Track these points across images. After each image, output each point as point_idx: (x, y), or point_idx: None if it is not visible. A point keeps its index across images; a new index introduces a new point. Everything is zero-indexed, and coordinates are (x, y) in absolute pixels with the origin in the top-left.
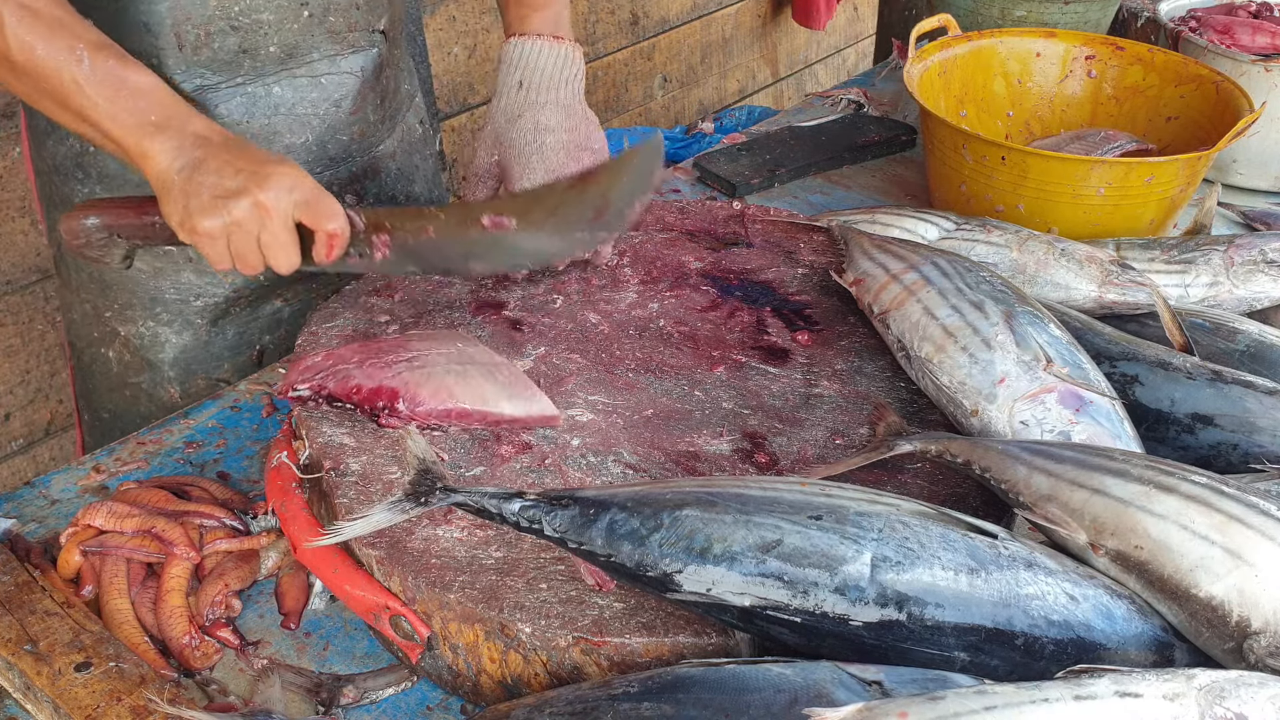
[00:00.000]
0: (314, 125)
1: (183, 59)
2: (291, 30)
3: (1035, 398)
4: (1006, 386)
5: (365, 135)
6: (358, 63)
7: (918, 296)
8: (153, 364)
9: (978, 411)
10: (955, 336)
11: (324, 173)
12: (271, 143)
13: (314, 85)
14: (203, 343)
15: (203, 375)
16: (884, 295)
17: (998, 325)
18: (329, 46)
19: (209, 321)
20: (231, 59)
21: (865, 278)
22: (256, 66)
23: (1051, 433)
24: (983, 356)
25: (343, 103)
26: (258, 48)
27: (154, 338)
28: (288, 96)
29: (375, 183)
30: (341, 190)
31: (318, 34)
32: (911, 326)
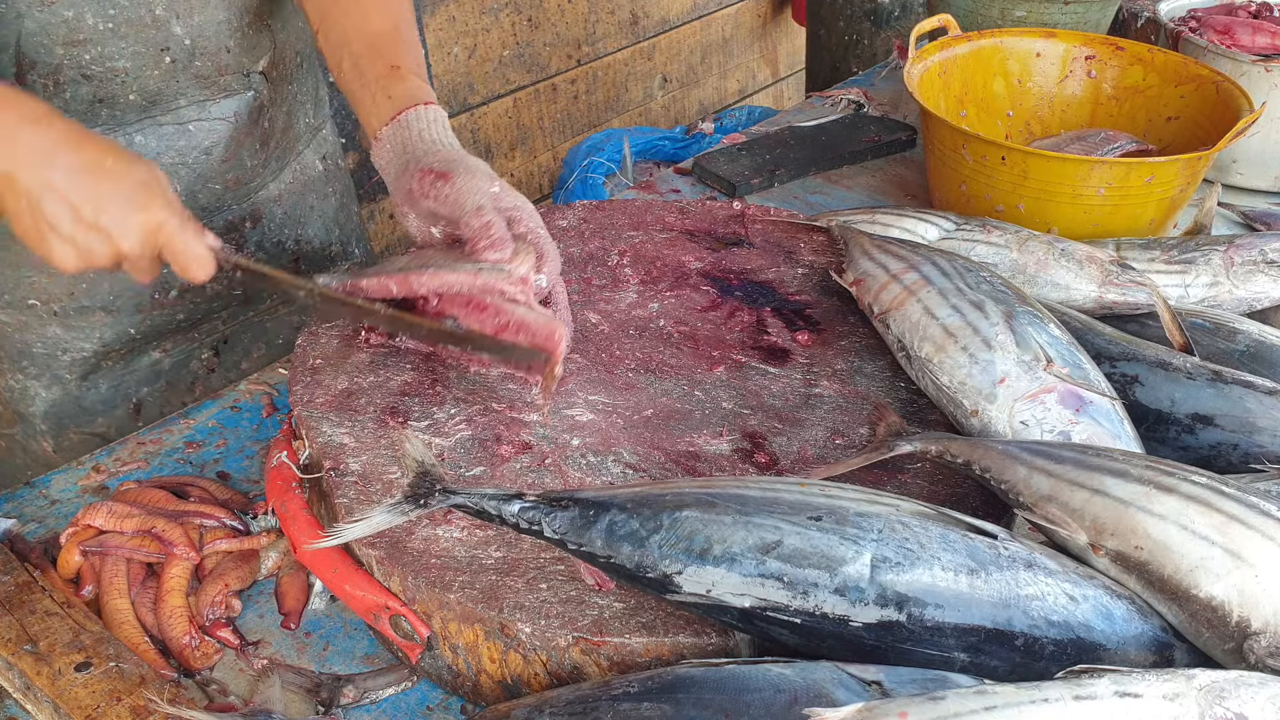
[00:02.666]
0: (182, 175)
1: None
2: (152, 78)
3: (1035, 398)
4: (1007, 386)
5: (242, 182)
6: (230, 108)
7: (918, 296)
8: (24, 416)
9: (978, 411)
10: (955, 336)
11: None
12: None
13: (181, 133)
14: (73, 397)
15: (75, 429)
16: (884, 295)
17: (998, 325)
18: (197, 93)
19: (79, 376)
20: (87, 108)
21: (865, 278)
22: (115, 115)
23: (1051, 433)
24: (983, 356)
25: (213, 150)
26: (115, 96)
27: (23, 391)
28: (152, 145)
29: (257, 230)
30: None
31: (183, 80)
32: (911, 326)
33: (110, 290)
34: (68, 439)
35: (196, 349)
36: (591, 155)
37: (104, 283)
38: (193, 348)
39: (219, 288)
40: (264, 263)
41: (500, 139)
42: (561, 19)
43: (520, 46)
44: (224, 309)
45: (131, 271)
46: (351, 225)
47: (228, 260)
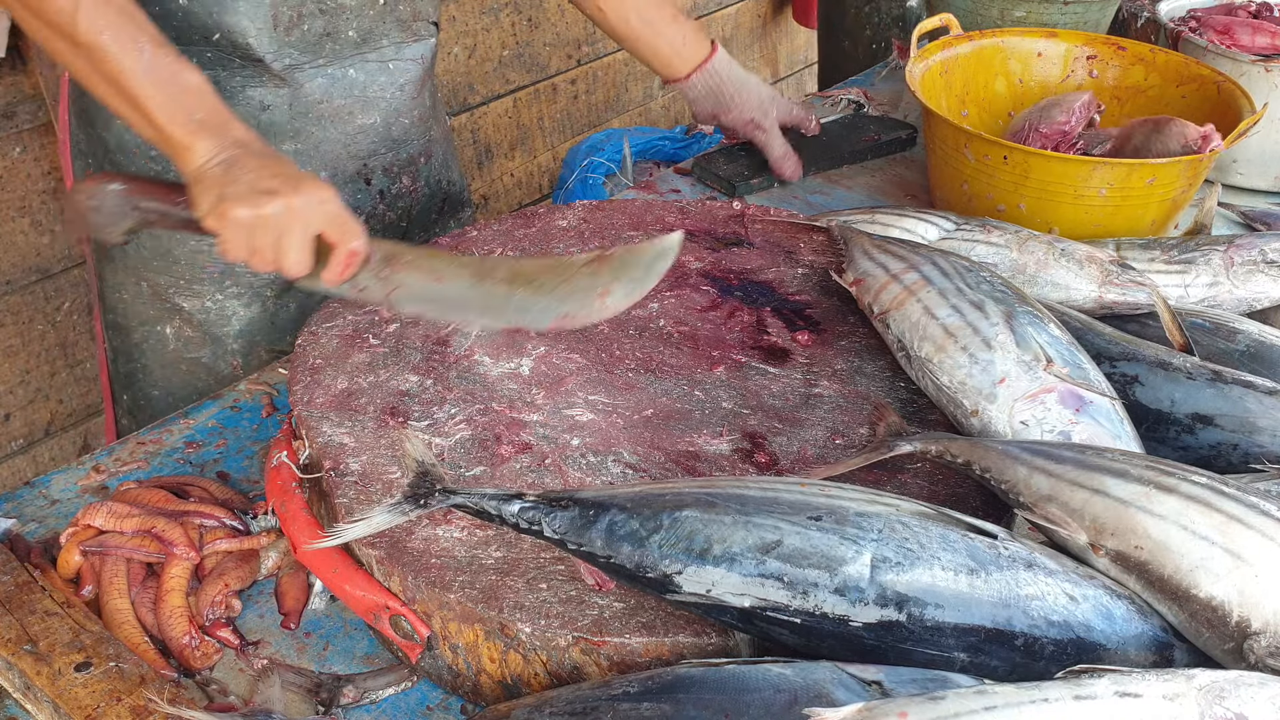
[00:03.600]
0: (382, 107)
1: (276, 38)
2: (368, 16)
3: (1035, 398)
4: (1007, 386)
5: (423, 120)
6: (419, 50)
7: (918, 296)
8: (217, 338)
9: (978, 411)
10: (955, 336)
11: (388, 153)
12: (347, 121)
13: (383, 69)
14: (269, 314)
15: (265, 346)
16: (884, 295)
17: (998, 325)
18: (397, 34)
19: (275, 293)
20: (316, 41)
21: (865, 278)
22: (336, 49)
23: (1052, 433)
24: (983, 356)
25: (406, 87)
26: (339, 31)
27: (220, 311)
28: (360, 79)
29: (428, 166)
30: (401, 171)
31: (388, 21)
32: (911, 326)
33: None
34: (256, 356)
35: None
36: (591, 155)
37: None
38: None
39: (394, 216)
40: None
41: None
42: (561, 19)
43: (520, 46)
44: (391, 239)
45: (285, 255)
46: (461, 182)
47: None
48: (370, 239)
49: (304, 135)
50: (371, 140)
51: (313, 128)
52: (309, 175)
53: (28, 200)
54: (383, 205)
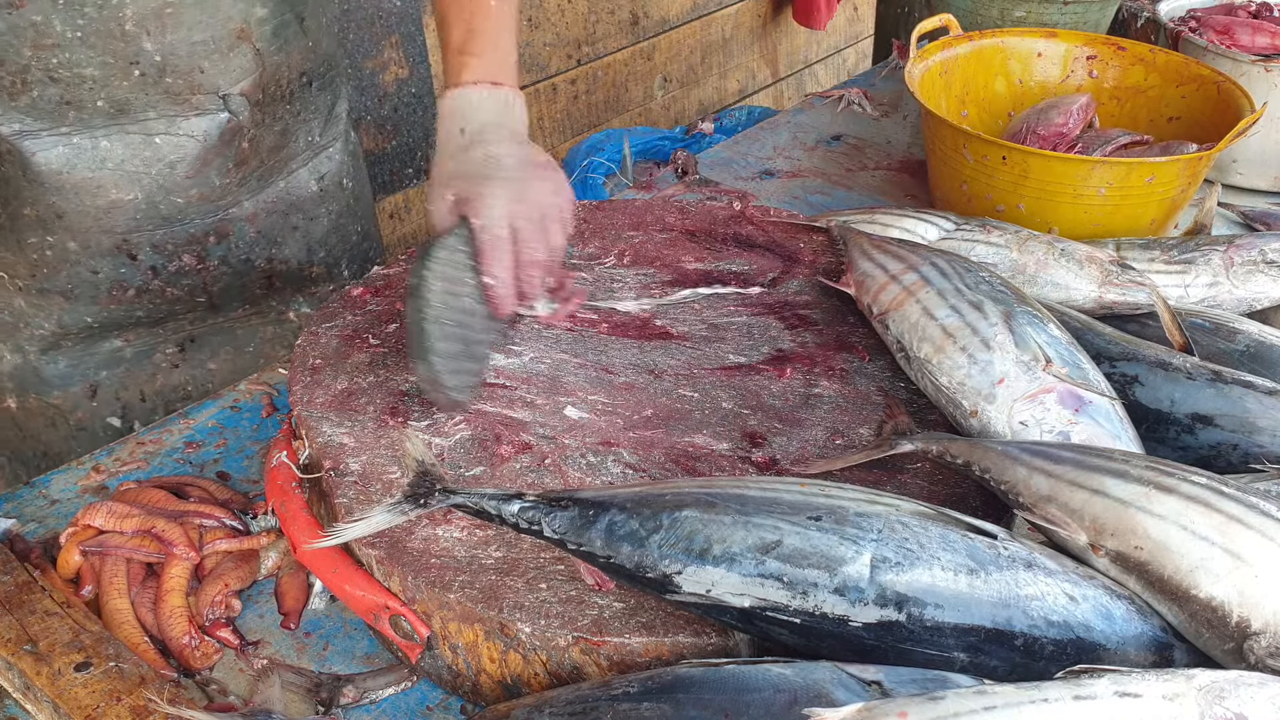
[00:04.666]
0: (144, 184)
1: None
2: (120, 88)
3: (1034, 398)
4: (1006, 387)
5: (209, 199)
6: (200, 126)
7: (917, 297)
8: None
9: (977, 412)
10: (954, 337)
11: (156, 230)
12: (96, 196)
13: (147, 144)
14: (33, 367)
15: (35, 396)
16: (883, 296)
17: (997, 326)
18: (167, 107)
19: (39, 350)
20: (54, 109)
21: (864, 278)
22: (83, 119)
23: (1051, 433)
24: (982, 357)
25: (178, 165)
26: (82, 101)
27: None
28: (117, 151)
29: (222, 245)
30: (178, 249)
31: (152, 94)
32: (910, 327)
33: (68, 278)
34: (28, 401)
35: (161, 343)
36: (591, 155)
37: (61, 271)
38: (156, 342)
39: (179, 292)
40: (207, 283)
41: None
42: (561, 19)
43: (520, 46)
44: (189, 311)
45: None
46: (346, 245)
47: None
48: None
49: (42, 204)
50: (130, 217)
51: (52, 197)
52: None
53: None
54: (158, 282)
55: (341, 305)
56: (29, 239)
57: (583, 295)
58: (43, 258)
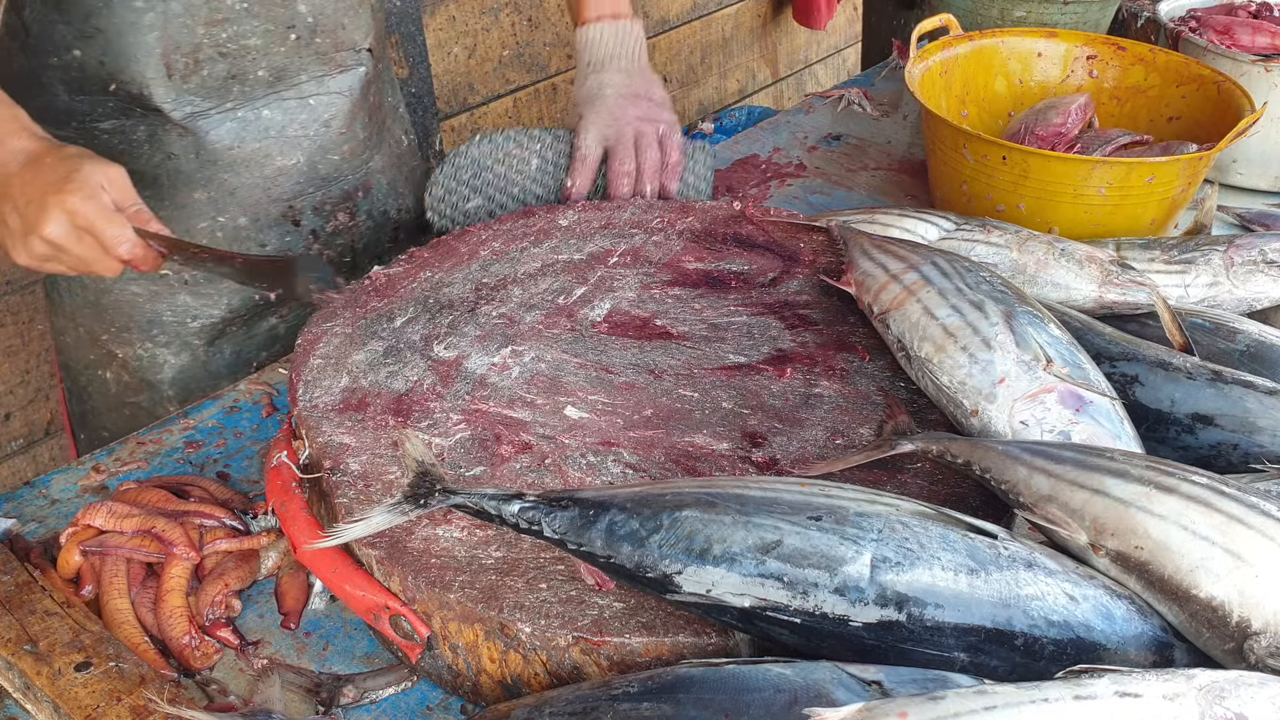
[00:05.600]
0: (304, 146)
1: (172, 87)
2: (279, 54)
3: (1035, 398)
4: (1006, 386)
5: (355, 153)
6: (345, 82)
7: (918, 296)
8: (151, 384)
9: (978, 411)
10: (955, 336)
11: (316, 192)
12: (264, 165)
13: (303, 107)
14: (200, 363)
15: (200, 393)
16: (884, 295)
17: (998, 325)
18: (316, 68)
19: (206, 342)
20: (220, 85)
21: (865, 278)
22: (245, 91)
23: (1051, 433)
24: (983, 356)
25: (332, 123)
26: (246, 73)
27: (152, 359)
28: (278, 119)
29: (368, 199)
30: (334, 208)
31: (305, 56)
32: (911, 326)
33: None
34: (194, 402)
35: (309, 313)
36: None
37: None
38: (306, 313)
39: (333, 254)
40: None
41: None
42: (561, 19)
43: (520, 46)
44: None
45: (89, 270)
46: None
47: (163, 242)
48: (144, 232)
49: (215, 183)
50: (295, 182)
51: (225, 175)
52: (54, 186)
53: None
54: (318, 245)
55: (341, 305)
56: (199, 224)
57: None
58: (214, 241)
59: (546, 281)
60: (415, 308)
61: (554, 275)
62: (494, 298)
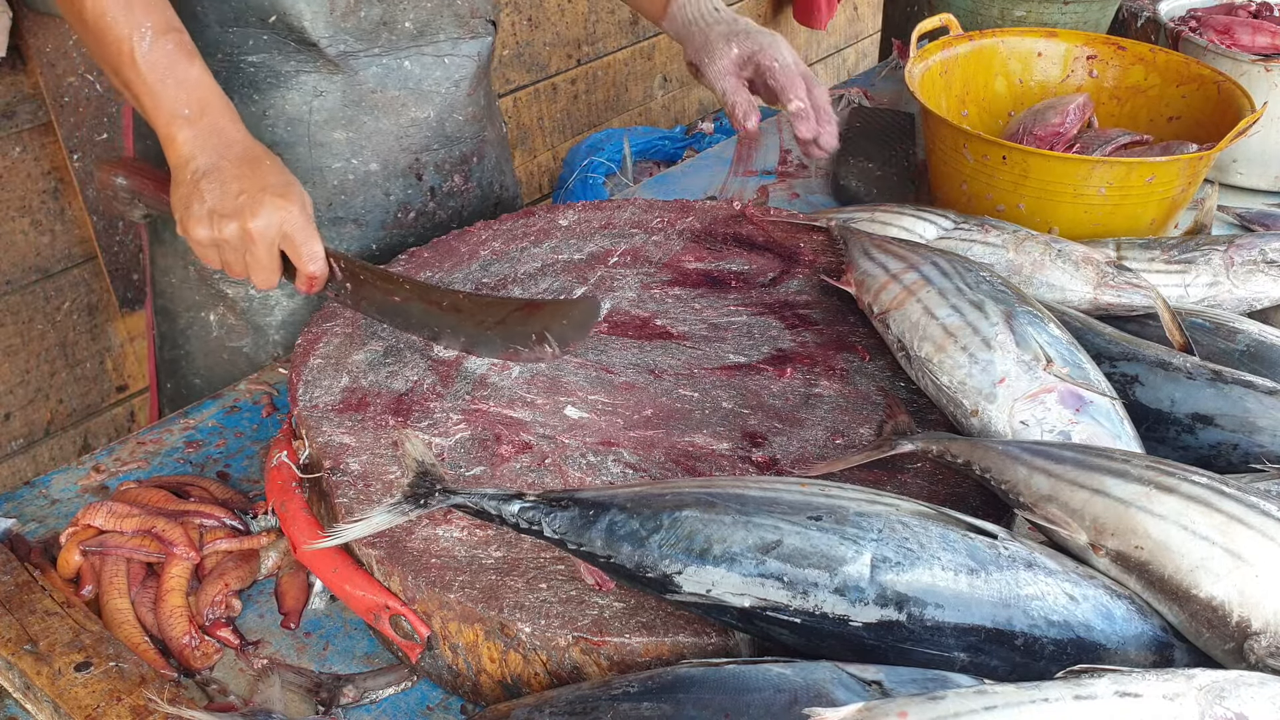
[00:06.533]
0: (436, 101)
1: (332, 23)
2: (425, 9)
3: (1035, 398)
4: (1006, 386)
5: (476, 119)
6: (475, 48)
7: (918, 296)
8: (259, 327)
9: (978, 411)
10: (955, 336)
11: (440, 149)
12: (400, 113)
13: (438, 64)
14: (313, 305)
15: None
16: (884, 295)
17: (998, 325)
18: (454, 29)
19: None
20: (373, 29)
21: (865, 278)
22: (392, 40)
23: (1051, 432)
24: (983, 356)
25: (462, 84)
26: (396, 21)
27: (264, 300)
28: (416, 71)
29: (480, 166)
30: (453, 169)
31: (446, 15)
32: (911, 326)
33: (363, 204)
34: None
35: None
36: (591, 155)
37: (359, 196)
38: None
39: (445, 215)
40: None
41: None
42: (561, 19)
43: (520, 46)
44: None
45: (253, 271)
46: (516, 185)
47: (338, 265)
48: (333, 252)
49: (356, 124)
50: (424, 134)
51: (365, 117)
52: (281, 187)
53: (28, 200)
54: (433, 203)
55: (341, 305)
56: (333, 165)
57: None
58: (344, 183)
59: (546, 281)
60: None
61: (554, 275)
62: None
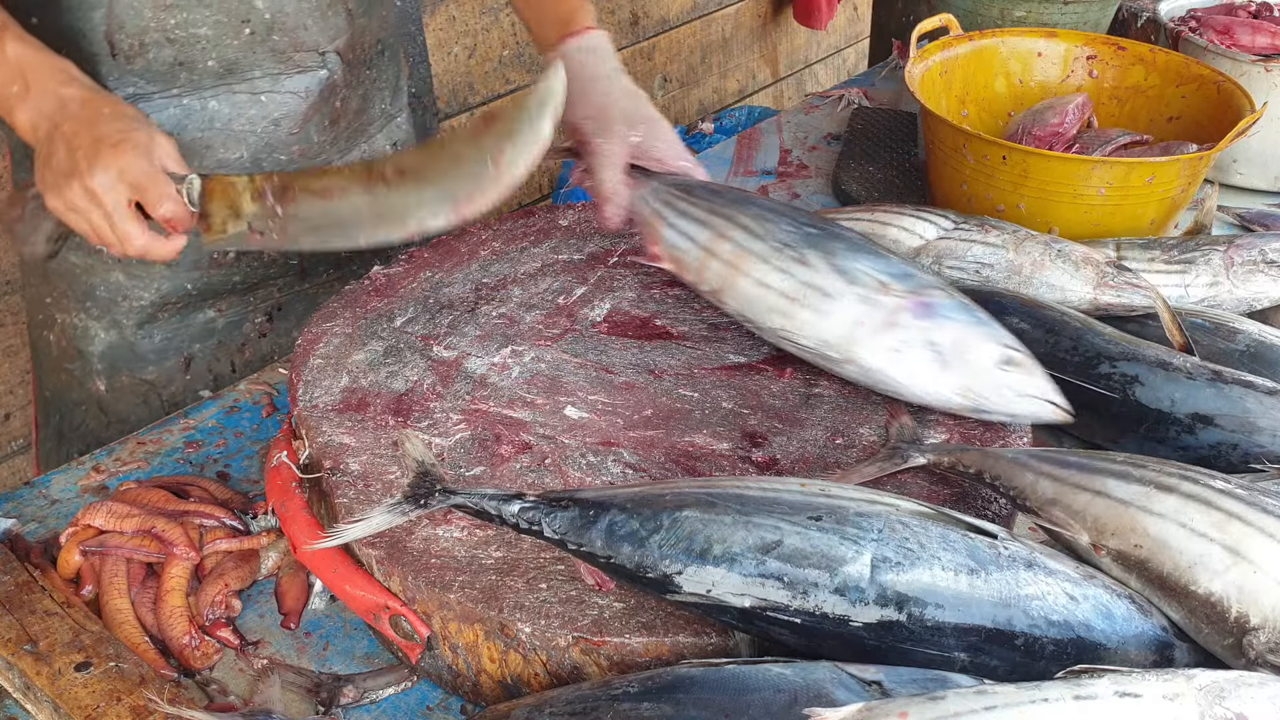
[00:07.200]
0: (250, 142)
1: (115, 66)
2: (231, 47)
3: (892, 324)
4: (862, 325)
5: (308, 156)
6: (302, 84)
7: (742, 270)
8: (82, 354)
9: (851, 359)
10: (796, 299)
11: None
12: (204, 156)
13: (253, 103)
14: (129, 343)
15: (127, 373)
16: (707, 274)
17: (826, 272)
18: (272, 65)
19: (135, 324)
20: (167, 71)
21: (676, 253)
22: (194, 80)
23: (921, 347)
24: (827, 308)
25: (282, 122)
26: (194, 61)
27: (84, 330)
28: (224, 111)
29: None
30: None
31: (260, 52)
32: (749, 303)
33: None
34: (119, 381)
35: (251, 313)
36: None
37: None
38: (247, 311)
39: (275, 255)
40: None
41: None
42: None
43: (520, 46)
44: (280, 276)
45: (114, 233)
46: None
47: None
48: (263, 174)
49: None
50: (231, 172)
51: None
52: (111, 140)
53: None
54: None
55: (341, 305)
56: None
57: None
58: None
59: (546, 281)
60: (415, 307)
61: (554, 275)
62: (494, 298)
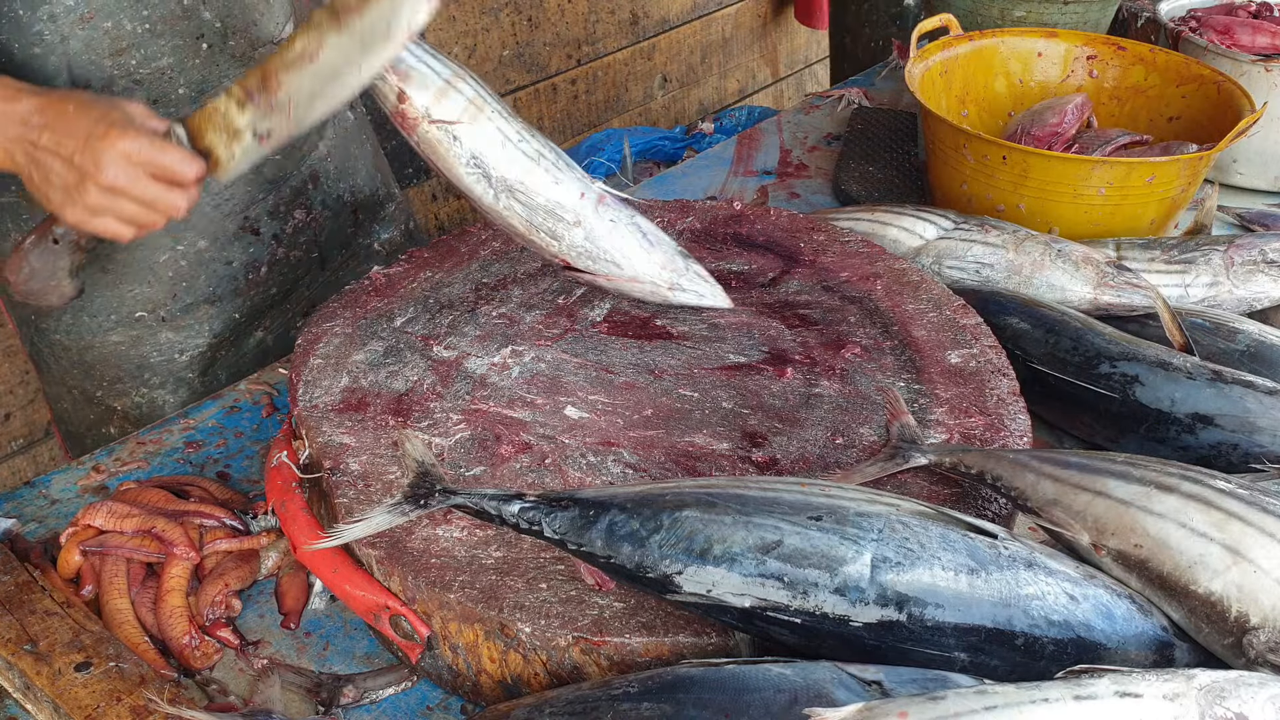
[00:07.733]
0: None
1: None
2: (194, 68)
3: (604, 202)
4: (584, 197)
5: (297, 147)
6: None
7: (486, 116)
8: (151, 419)
9: (580, 222)
10: (536, 161)
11: (267, 197)
12: (209, 183)
13: None
14: (199, 395)
15: None
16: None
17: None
18: (237, 71)
19: (199, 373)
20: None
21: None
22: (170, 112)
23: (628, 225)
24: (560, 178)
25: None
26: (166, 95)
27: (151, 403)
28: None
29: (319, 189)
30: (289, 208)
31: (222, 63)
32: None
33: (207, 282)
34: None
35: (291, 319)
36: (591, 155)
37: (200, 277)
38: (287, 319)
39: (300, 253)
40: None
41: None
42: (561, 19)
43: (520, 46)
44: (306, 274)
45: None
46: (384, 166)
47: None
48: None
49: None
50: (244, 191)
51: None
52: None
53: None
54: (282, 249)
55: (341, 305)
56: (159, 259)
57: None
58: (179, 271)
59: (546, 281)
60: (415, 308)
61: (554, 275)
62: (494, 298)
